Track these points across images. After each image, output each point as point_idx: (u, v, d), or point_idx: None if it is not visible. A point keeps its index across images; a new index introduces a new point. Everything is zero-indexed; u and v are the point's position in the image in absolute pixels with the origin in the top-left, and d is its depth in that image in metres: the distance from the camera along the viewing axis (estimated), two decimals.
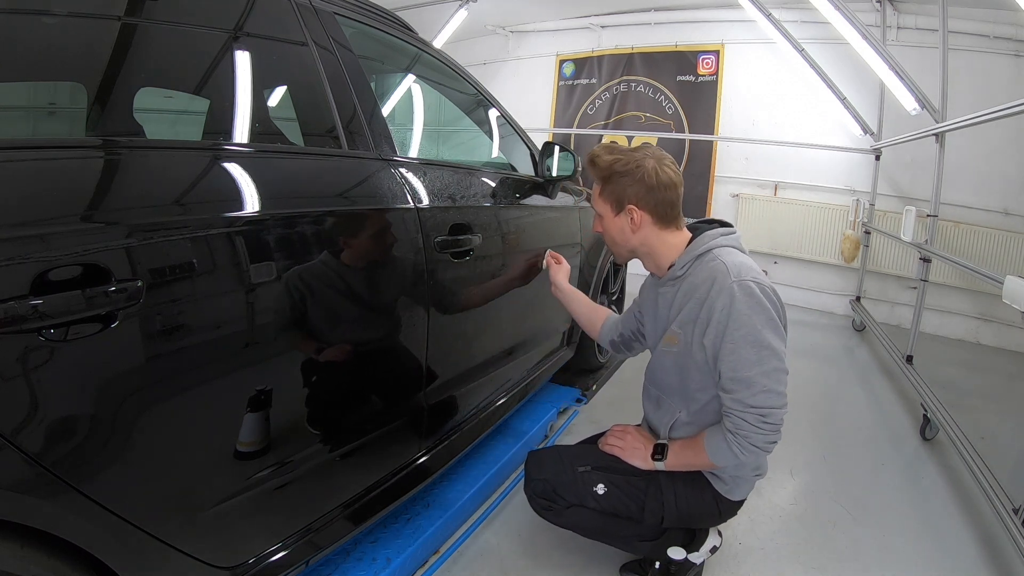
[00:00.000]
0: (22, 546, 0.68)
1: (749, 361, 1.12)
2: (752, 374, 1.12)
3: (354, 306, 1.17)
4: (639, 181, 1.21)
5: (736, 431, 1.14)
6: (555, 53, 5.52)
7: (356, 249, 1.14)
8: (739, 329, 1.12)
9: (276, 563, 1.03)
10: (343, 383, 1.17)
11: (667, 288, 1.28)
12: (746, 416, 1.13)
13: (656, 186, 1.21)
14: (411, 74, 2.07)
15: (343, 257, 1.10)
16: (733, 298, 1.13)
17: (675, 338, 1.25)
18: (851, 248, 4.13)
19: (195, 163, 0.94)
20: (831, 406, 2.69)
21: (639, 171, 1.21)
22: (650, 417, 1.41)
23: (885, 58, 3.05)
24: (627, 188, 1.23)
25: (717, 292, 1.15)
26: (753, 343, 1.12)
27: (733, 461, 1.17)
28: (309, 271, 1.02)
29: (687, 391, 1.27)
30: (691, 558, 1.35)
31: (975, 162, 3.77)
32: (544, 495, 1.34)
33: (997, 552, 1.62)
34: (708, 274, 1.18)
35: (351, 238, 1.13)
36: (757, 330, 1.12)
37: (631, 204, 1.23)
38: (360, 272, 1.16)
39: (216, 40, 1.07)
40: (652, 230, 1.25)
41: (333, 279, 1.09)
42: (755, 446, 1.13)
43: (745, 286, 1.13)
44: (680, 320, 1.23)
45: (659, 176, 1.21)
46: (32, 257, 0.66)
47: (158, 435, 0.82)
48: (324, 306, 1.07)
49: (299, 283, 1.00)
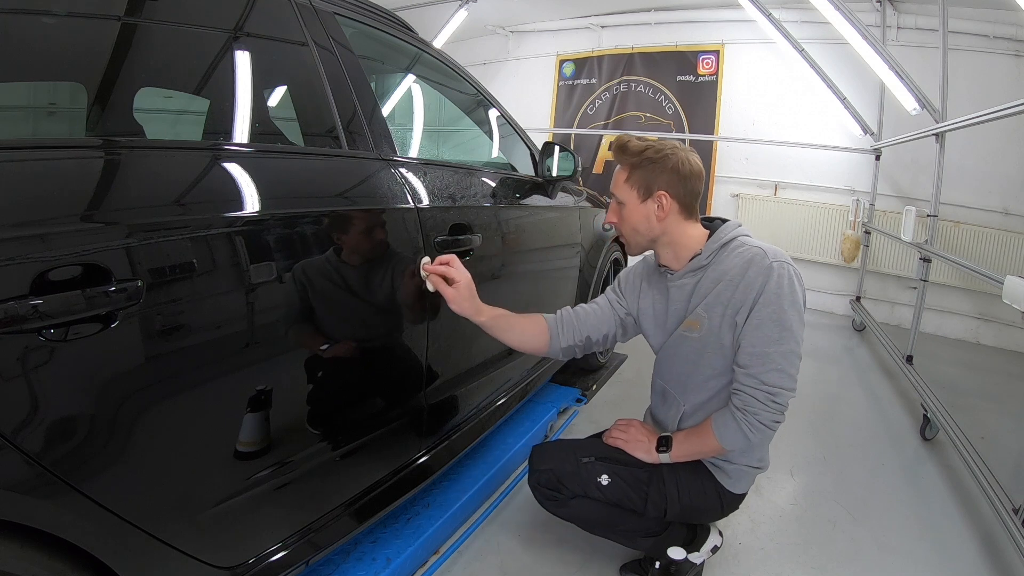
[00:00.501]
0: (22, 546, 0.68)
1: (770, 339, 1.15)
2: (771, 351, 1.15)
3: (354, 306, 1.17)
4: (672, 169, 1.23)
5: (745, 408, 1.16)
6: (555, 53, 5.52)
7: (356, 249, 1.14)
8: (767, 307, 1.16)
9: (276, 563, 1.03)
10: (343, 383, 1.17)
11: (686, 279, 1.28)
12: (756, 393, 1.15)
13: (688, 175, 1.23)
14: (411, 74, 2.07)
15: (343, 257, 1.10)
16: (769, 277, 1.16)
17: (698, 322, 1.25)
18: (851, 248, 4.13)
19: (195, 163, 0.94)
20: (831, 406, 2.69)
21: (672, 159, 1.23)
22: (656, 411, 1.42)
23: (885, 58, 3.05)
24: (659, 175, 1.23)
25: (756, 272, 1.18)
26: (777, 322, 1.15)
27: (742, 440, 1.18)
28: (309, 271, 1.02)
29: (697, 380, 1.28)
30: (691, 558, 1.36)
31: (975, 162, 3.77)
32: (548, 485, 1.35)
33: (997, 552, 1.62)
34: (740, 258, 1.21)
35: (351, 238, 1.13)
36: (784, 311, 1.15)
37: (662, 191, 1.23)
38: (360, 272, 1.16)
39: (216, 40, 1.07)
40: (677, 219, 1.27)
41: (333, 279, 1.09)
42: (763, 423, 1.16)
43: (782, 267, 1.17)
44: (707, 304, 1.23)
45: (691, 165, 1.24)
46: (32, 257, 0.66)
47: (158, 435, 0.82)
48: (324, 306, 1.07)
49: (299, 283, 1.00)
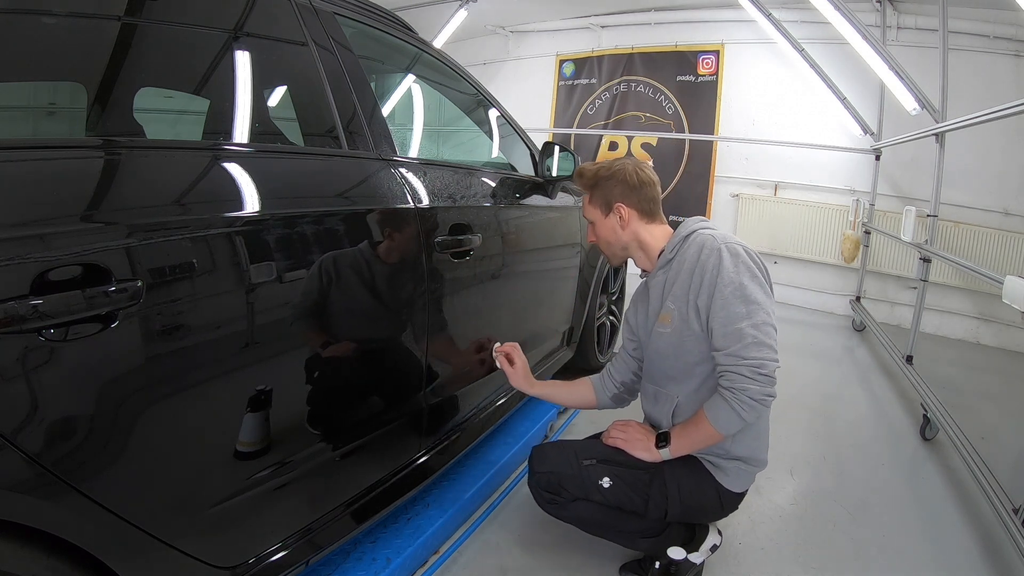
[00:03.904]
0: (22, 546, 0.68)
1: (739, 315, 1.18)
2: (743, 326, 1.17)
3: (354, 306, 1.16)
4: (622, 182, 1.36)
5: (732, 386, 1.17)
6: (555, 53, 5.52)
7: (355, 249, 1.14)
8: (728, 286, 1.20)
9: (276, 563, 1.03)
10: (343, 383, 1.17)
11: (657, 277, 1.35)
12: (740, 369, 1.16)
13: (638, 184, 1.36)
14: (411, 74, 2.07)
15: (342, 257, 1.10)
16: (721, 258, 1.22)
17: (669, 316, 1.30)
18: (851, 248, 4.13)
19: (195, 163, 0.94)
20: (831, 406, 2.69)
21: (620, 173, 1.36)
22: (649, 413, 1.43)
23: (885, 58, 3.05)
24: (612, 189, 1.36)
25: (707, 255, 1.24)
26: (741, 298, 1.19)
27: (735, 419, 1.19)
28: (308, 271, 1.02)
29: (684, 369, 1.30)
30: (691, 558, 1.36)
31: (975, 162, 3.77)
32: (549, 488, 1.36)
33: (997, 552, 1.62)
34: (696, 246, 1.28)
35: (351, 238, 1.13)
36: (744, 285, 1.20)
37: (618, 202, 1.36)
38: (359, 272, 1.15)
39: (216, 40, 1.07)
40: (639, 224, 1.37)
41: (332, 279, 1.08)
42: (753, 399, 1.16)
43: (732, 247, 1.24)
44: (673, 295, 1.29)
45: (639, 175, 1.36)
46: (32, 257, 0.66)
47: (158, 435, 0.82)
48: (324, 306, 1.07)
49: (298, 283, 1.00)
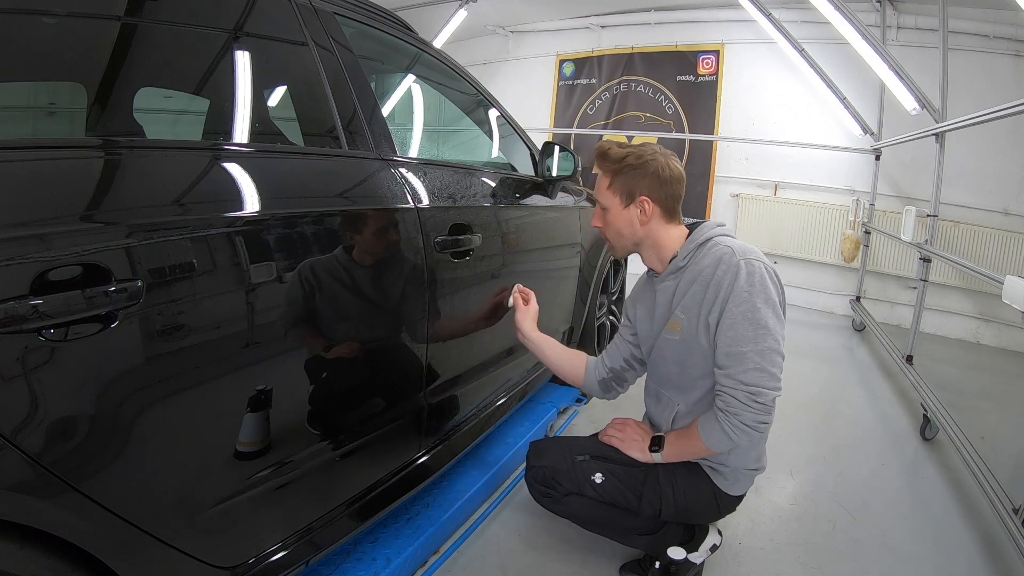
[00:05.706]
0: (22, 546, 0.68)
1: (745, 338, 1.14)
2: (746, 350, 1.14)
3: (354, 306, 1.16)
4: (652, 174, 1.26)
5: (726, 408, 1.15)
6: (555, 53, 5.52)
7: (356, 249, 1.13)
8: (739, 306, 1.15)
9: (276, 563, 1.03)
10: (343, 383, 1.17)
11: (668, 282, 1.30)
12: (736, 393, 1.14)
13: (668, 180, 1.27)
14: (411, 74, 2.07)
15: (343, 257, 1.10)
16: (737, 275, 1.16)
17: (678, 324, 1.26)
18: (851, 248, 4.13)
19: (195, 163, 0.94)
20: (831, 406, 2.69)
21: (652, 164, 1.26)
22: (651, 412, 1.43)
23: (885, 58, 3.05)
24: (639, 180, 1.26)
25: (724, 270, 1.18)
26: (751, 321, 1.14)
27: (725, 442, 1.18)
28: (309, 271, 1.02)
29: (687, 380, 1.28)
30: (691, 558, 1.36)
31: (975, 162, 3.78)
32: (543, 482, 1.37)
33: (997, 552, 1.62)
34: (713, 257, 1.22)
35: (351, 238, 1.13)
36: (756, 308, 1.15)
37: (644, 196, 1.26)
38: (360, 272, 1.15)
39: (216, 40, 1.07)
40: (659, 223, 1.30)
41: (333, 279, 1.09)
42: (745, 425, 1.14)
43: (751, 265, 1.17)
44: (684, 305, 1.25)
45: (671, 170, 1.27)
46: (32, 257, 0.66)
47: (158, 435, 0.82)
48: (324, 306, 1.07)
49: (299, 283, 1.00)
